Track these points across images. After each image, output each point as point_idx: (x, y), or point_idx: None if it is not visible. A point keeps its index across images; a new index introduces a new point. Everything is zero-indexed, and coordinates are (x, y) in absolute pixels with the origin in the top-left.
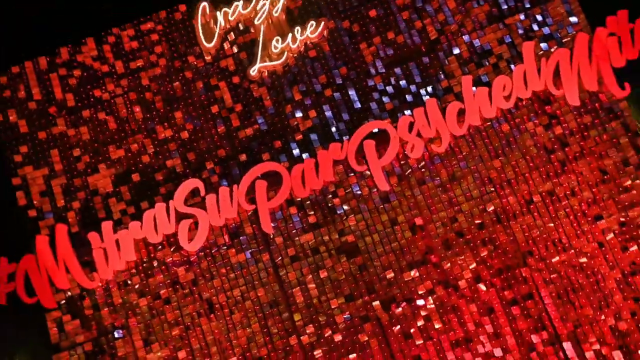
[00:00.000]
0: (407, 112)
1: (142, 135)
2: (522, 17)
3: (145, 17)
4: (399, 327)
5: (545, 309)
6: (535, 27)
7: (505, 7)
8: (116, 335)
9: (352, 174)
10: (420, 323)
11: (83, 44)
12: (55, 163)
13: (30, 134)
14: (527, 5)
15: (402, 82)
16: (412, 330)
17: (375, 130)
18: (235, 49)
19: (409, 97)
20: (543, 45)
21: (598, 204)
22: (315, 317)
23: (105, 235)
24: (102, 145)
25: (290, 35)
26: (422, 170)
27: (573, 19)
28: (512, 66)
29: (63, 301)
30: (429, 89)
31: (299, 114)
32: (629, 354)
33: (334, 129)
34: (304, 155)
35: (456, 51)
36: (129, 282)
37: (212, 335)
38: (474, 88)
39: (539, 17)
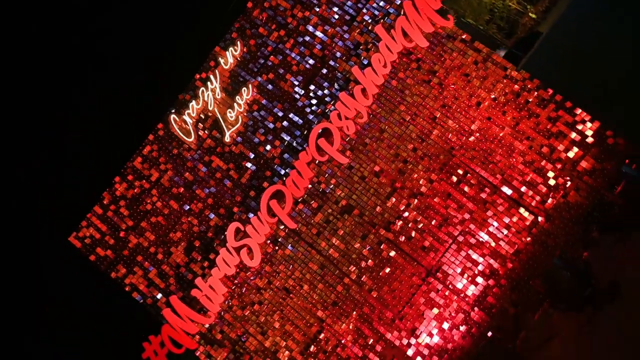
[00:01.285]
0: (332, 108)
1: (185, 217)
2: (365, 10)
3: (142, 144)
4: (402, 237)
5: (479, 175)
6: (376, 12)
7: (352, 10)
8: (243, 339)
9: (323, 164)
10: (411, 225)
11: (115, 182)
12: (144, 262)
13: (117, 256)
14: (363, 2)
15: (319, 92)
16: (412, 234)
17: (320, 130)
18: (207, 132)
19: (328, 99)
20: (388, 20)
21: (474, 96)
22: (351, 259)
23: (202, 287)
24: (164, 236)
25: (235, 104)
26: (362, 137)
27: None
28: (377, 44)
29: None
30: (336, 86)
31: (269, 147)
32: (541, 171)
33: (295, 144)
34: (288, 170)
35: (338, 54)
36: (231, 304)
37: (298, 306)
38: (362, 71)
39: (375, 4)
